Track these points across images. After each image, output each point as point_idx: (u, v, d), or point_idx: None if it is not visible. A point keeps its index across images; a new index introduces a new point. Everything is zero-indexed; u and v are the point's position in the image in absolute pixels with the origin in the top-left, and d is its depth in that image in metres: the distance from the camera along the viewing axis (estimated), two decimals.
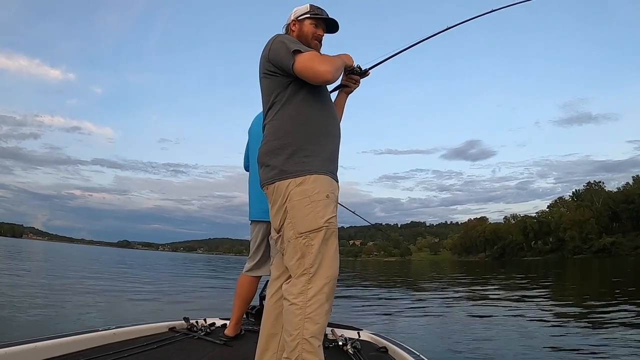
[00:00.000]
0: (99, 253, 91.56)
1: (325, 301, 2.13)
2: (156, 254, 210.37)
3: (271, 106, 2.42)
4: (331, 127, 2.46)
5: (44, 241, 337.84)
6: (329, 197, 2.25)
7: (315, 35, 2.62)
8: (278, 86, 2.38)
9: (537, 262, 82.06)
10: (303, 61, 2.22)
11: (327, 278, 2.16)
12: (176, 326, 3.66)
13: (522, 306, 13.45)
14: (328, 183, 2.29)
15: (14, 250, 52.25)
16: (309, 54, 2.23)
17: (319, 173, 2.25)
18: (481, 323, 10.36)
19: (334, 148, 2.46)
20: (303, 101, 2.35)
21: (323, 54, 2.48)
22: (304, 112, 2.35)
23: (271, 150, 2.33)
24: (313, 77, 2.23)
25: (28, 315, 8.97)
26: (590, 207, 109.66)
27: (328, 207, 2.23)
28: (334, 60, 2.35)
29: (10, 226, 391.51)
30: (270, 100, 2.45)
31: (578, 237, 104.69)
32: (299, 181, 2.22)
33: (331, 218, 2.23)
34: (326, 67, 2.20)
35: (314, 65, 2.20)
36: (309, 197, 2.21)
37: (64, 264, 33.90)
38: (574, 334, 8.65)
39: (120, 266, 38.80)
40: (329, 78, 2.23)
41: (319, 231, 2.18)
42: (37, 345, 2.53)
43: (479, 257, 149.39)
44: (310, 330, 2.06)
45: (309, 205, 2.20)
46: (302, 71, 2.23)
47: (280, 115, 2.36)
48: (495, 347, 7.75)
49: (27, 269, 24.21)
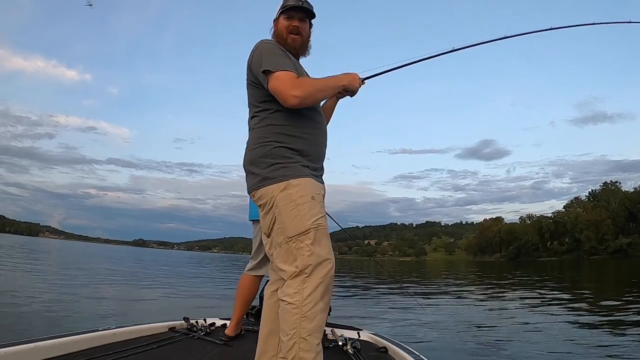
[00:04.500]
0: (113, 252, 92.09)
1: (321, 299, 2.13)
2: (171, 252, 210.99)
3: (254, 116, 2.45)
4: (315, 132, 2.44)
5: (61, 240, 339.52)
6: (315, 198, 2.26)
7: (290, 29, 2.56)
8: (260, 96, 2.40)
9: (553, 263, 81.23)
10: (274, 83, 2.25)
11: (322, 277, 2.16)
12: (176, 326, 3.67)
13: (534, 307, 13.32)
14: (312, 185, 2.30)
15: (32, 249, 52.66)
16: (283, 75, 2.24)
17: (301, 177, 2.27)
18: (488, 324, 10.26)
19: (319, 152, 2.47)
20: (286, 111, 2.32)
21: (305, 77, 2.46)
22: (286, 121, 2.34)
23: (254, 159, 2.35)
24: (281, 101, 2.25)
25: (38, 313, 9.09)
26: (607, 207, 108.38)
27: (314, 208, 2.24)
28: (312, 85, 2.36)
29: (27, 225, 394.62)
30: (252, 110, 2.47)
31: (594, 238, 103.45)
32: (282, 186, 2.24)
33: (319, 219, 2.23)
34: (296, 92, 2.20)
35: (283, 89, 2.22)
36: (293, 201, 2.22)
37: (80, 261, 34.20)
38: (589, 337, 8.52)
39: (126, 265, 38.92)
40: (293, 104, 2.22)
41: (307, 233, 2.18)
42: (37, 345, 2.54)
43: (495, 257, 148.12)
44: (307, 328, 2.07)
45: (295, 209, 2.21)
46: (273, 93, 2.27)
47: (262, 124, 2.38)
48: (498, 348, 7.70)
49: (43, 266, 24.46)
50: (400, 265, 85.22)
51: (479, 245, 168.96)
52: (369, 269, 63.43)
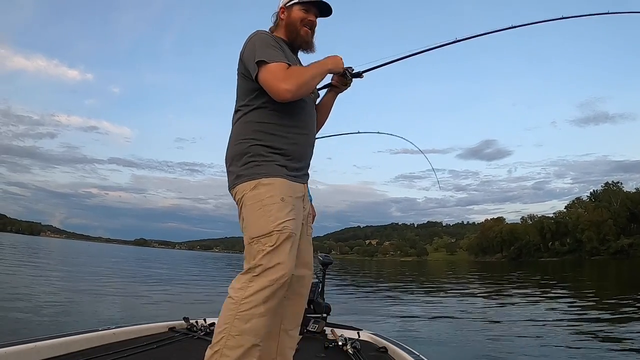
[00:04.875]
0: (115, 251, 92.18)
1: (262, 303, 2.05)
2: (172, 252, 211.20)
3: (237, 110, 2.41)
4: (299, 131, 2.38)
5: (62, 239, 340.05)
6: (285, 200, 2.20)
7: (305, 21, 2.50)
8: (247, 90, 2.36)
9: (554, 263, 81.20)
10: (265, 75, 2.19)
11: (271, 281, 2.07)
12: (176, 326, 3.67)
13: (535, 308, 13.36)
14: (284, 186, 2.23)
15: (33, 248, 52.73)
16: (274, 67, 2.19)
17: (273, 176, 2.22)
18: (489, 324, 10.31)
19: (302, 152, 2.40)
20: (270, 108, 2.30)
21: (294, 66, 2.33)
22: (267, 118, 2.30)
23: (232, 156, 2.33)
24: (272, 95, 2.21)
25: (38, 313, 9.11)
26: (608, 207, 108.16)
27: (282, 210, 2.17)
28: (302, 74, 2.27)
29: (29, 224, 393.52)
30: (237, 104, 2.43)
31: (595, 238, 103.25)
32: (252, 185, 2.20)
33: (285, 222, 2.15)
34: (287, 85, 2.15)
35: (274, 82, 2.17)
36: (261, 201, 2.17)
37: (81, 260, 34.26)
38: (590, 338, 8.52)
39: (127, 264, 39.00)
40: (287, 97, 2.18)
41: (269, 236, 2.12)
42: (37, 345, 2.54)
43: (496, 257, 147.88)
44: (238, 327, 2.01)
45: (261, 209, 2.17)
46: (263, 86, 2.22)
47: (243, 120, 2.35)
48: (498, 348, 7.71)
49: (44, 265, 24.51)
50: (402, 266, 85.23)
51: (480, 245, 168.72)
52: (370, 268, 63.58)
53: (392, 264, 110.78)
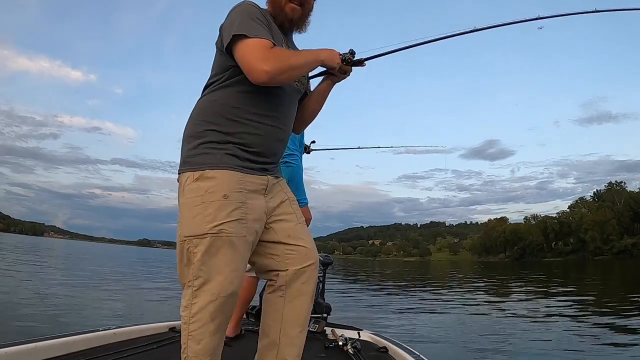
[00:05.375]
0: (118, 251, 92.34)
1: (210, 321, 1.83)
2: (175, 252, 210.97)
3: (207, 86, 2.10)
4: (267, 122, 2.03)
5: (65, 239, 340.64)
6: (228, 197, 1.87)
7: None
8: (222, 66, 2.03)
9: (558, 263, 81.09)
10: (242, 51, 1.86)
11: (214, 295, 1.82)
12: (176, 326, 3.59)
13: (537, 308, 13.30)
14: (231, 180, 1.91)
15: (36, 249, 52.81)
16: (254, 43, 1.85)
17: (221, 168, 1.90)
18: (490, 324, 10.26)
19: (267, 146, 2.04)
20: (240, 89, 1.98)
21: (279, 48, 1.97)
22: (235, 101, 1.98)
23: (185, 136, 2.03)
24: (247, 74, 1.87)
25: (38, 312, 9.14)
26: (612, 207, 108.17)
27: (222, 209, 1.85)
28: (287, 58, 1.91)
29: (32, 225, 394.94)
30: (208, 80, 2.11)
31: (599, 238, 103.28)
32: (196, 175, 1.90)
33: (224, 224, 1.83)
34: (266, 65, 1.80)
35: (251, 60, 1.83)
36: (200, 196, 1.87)
37: (83, 261, 34.31)
38: (592, 338, 8.45)
39: (128, 264, 39.04)
40: (262, 80, 1.83)
41: (203, 238, 1.84)
42: (37, 345, 2.53)
43: (499, 257, 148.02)
44: (193, 349, 1.84)
45: (198, 206, 1.87)
46: (239, 63, 1.89)
47: (208, 98, 2.04)
48: (499, 348, 7.70)
49: (46, 266, 24.56)
50: (404, 266, 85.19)
51: (483, 245, 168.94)
52: (373, 268, 63.53)
53: (395, 264, 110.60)
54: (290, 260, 2.08)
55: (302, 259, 2.10)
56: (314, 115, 2.44)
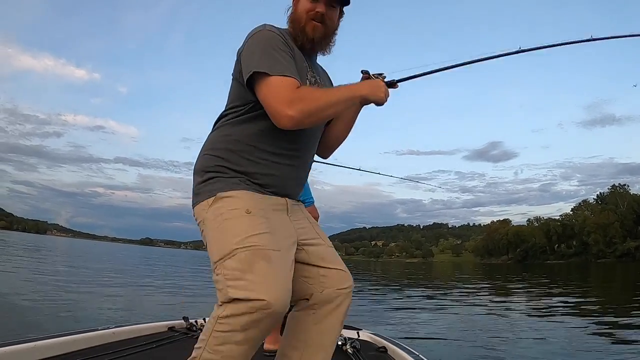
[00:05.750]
0: (120, 250, 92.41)
1: (240, 330, 1.55)
2: (178, 251, 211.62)
3: (222, 117, 1.94)
4: (286, 161, 1.88)
5: (68, 238, 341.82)
6: (251, 212, 1.69)
7: (311, 14, 1.90)
8: (240, 97, 1.86)
9: (560, 266, 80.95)
10: (265, 92, 1.70)
11: (251, 308, 1.52)
12: (175, 326, 3.65)
13: (539, 310, 13.25)
14: (250, 197, 1.76)
15: (39, 247, 52.80)
16: (278, 84, 1.67)
17: (235, 189, 1.75)
18: (491, 325, 10.21)
19: (279, 185, 1.88)
20: (258, 125, 1.82)
21: (307, 88, 1.79)
22: (251, 139, 1.82)
23: (196, 169, 1.89)
24: (271, 117, 1.71)
25: (39, 312, 9.15)
26: (615, 210, 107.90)
27: (248, 223, 1.66)
28: (317, 100, 1.70)
29: (35, 223, 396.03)
30: (225, 110, 1.94)
31: (602, 241, 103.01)
32: (210, 201, 1.76)
33: (253, 237, 1.62)
34: (292, 110, 1.64)
35: (275, 104, 1.66)
36: (221, 214, 1.71)
37: (85, 259, 34.36)
38: (593, 342, 8.40)
39: (130, 264, 39.08)
40: (287, 126, 1.68)
41: (231, 256, 1.61)
42: (36, 344, 2.54)
43: (502, 259, 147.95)
44: (212, 346, 1.59)
45: (222, 224, 1.69)
46: (263, 104, 1.73)
47: (221, 132, 1.89)
48: (500, 350, 7.67)
49: (48, 264, 24.58)
50: (407, 267, 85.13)
51: (486, 247, 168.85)
52: (375, 269, 63.57)
53: (397, 265, 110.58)
54: (326, 282, 1.93)
55: (339, 281, 1.96)
56: (339, 141, 2.27)
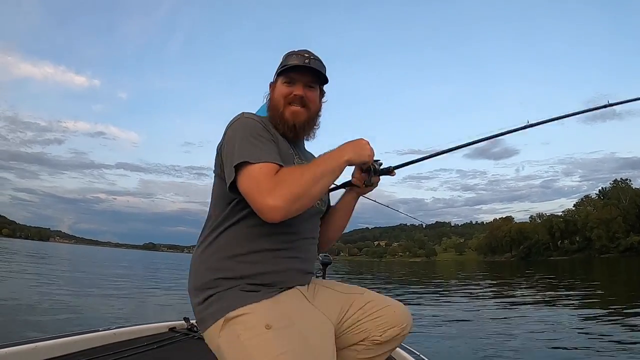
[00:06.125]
0: (123, 255, 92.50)
1: None
2: (181, 256, 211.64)
3: (207, 220, 1.76)
4: (291, 255, 1.69)
5: (71, 244, 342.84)
6: (271, 325, 1.46)
7: (289, 98, 1.77)
8: (222, 197, 1.68)
9: (564, 262, 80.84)
10: (246, 183, 1.50)
11: None
12: (176, 326, 3.63)
13: (543, 308, 13.25)
14: (265, 307, 1.53)
15: (41, 254, 52.82)
16: (258, 172, 1.49)
17: (244, 304, 1.52)
18: (494, 325, 10.21)
19: (288, 280, 1.66)
20: (251, 224, 1.61)
21: (287, 168, 1.55)
22: (246, 240, 1.62)
23: (190, 290, 1.68)
24: (256, 211, 1.50)
25: (40, 314, 9.19)
26: (617, 205, 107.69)
27: (272, 343, 1.42)
28: (298, 180, 1.49)
29: (38, 230, 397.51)
30: (209, 213, 1.78)
31: (605, 236, 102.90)
32: (220, 325, 1.52)
33: (281, 356, 1.38)
34: (274, 199, 1.43)
35: (257, 195, 1.46)
36: (238, 338, 1.46)
37: (88, 265, 34.42)
38: (599, 338, 8.38)
39: (131, 268, 39.13)
40: (275, 218, 1.46)
41: None
42: (37, 345, 2.54)
43: (505, 257, 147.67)
44: None
45: (243, 352, 1.44)
46: (246, 198, 1.53)
47: (211, 244, 1.67)
48: (503, 349, 7.66)
49: (50, 269, 24.63)
50: (410, 266, 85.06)
51: (489, 245, 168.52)
52: (379, 268, 63.52)
53: (400, 264, 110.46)
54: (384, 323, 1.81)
55: (396, 321, 1.84)
56: (339, 232, 2.08)
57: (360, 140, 1.72)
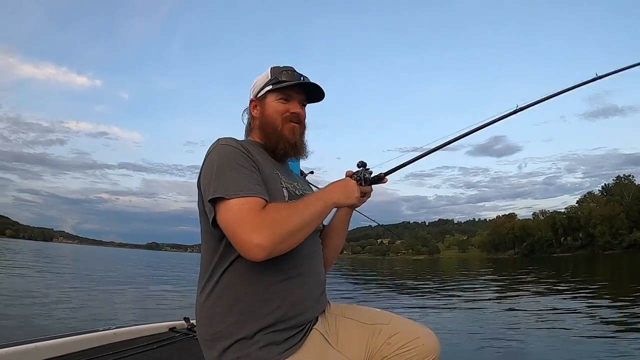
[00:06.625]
0: (126, 255, 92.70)
1: None
2: (184, 255, 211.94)
3: (203, 262, 1.62)
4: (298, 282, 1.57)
5: (74, 244, 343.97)
6: None
7: (287, 116, 1.71)
8: (213, 235, 1.53)
9: (567, 259, 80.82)
10: (224, 219, 1.39)
11: None
12: (176, 326, 3.64)
13: (546, 306, 13.23)
14: None
15: (45, 254, 53.02)
16: (238, 207, 1.37)
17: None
18: (497, 324, 10.20)
19: (301, 307, 1.56)
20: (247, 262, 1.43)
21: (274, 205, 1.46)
22: (250, 278, 1.50)
23: (201, 341, 1.59)
24: (237, 248, 1.38)
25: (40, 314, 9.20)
26: (620, 201, 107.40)
27: None
28: (286, 219, 1.39)
29: (41, 230, 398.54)
30: (203, 253, 1.63)
31: (608, 233, 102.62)
32: None
33: None
34: (259, 238, 1.32)
35: (239, 232, 1.35)
36: None
37: (91, 264, 34.48)
38: (604, 336, 8.39)
39: (134, 267, 39.19)
40: (259, 257, 1.34)
41: None
42: (37, 345, 2.55)
43: (508, 254, 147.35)
44: None
45: None
46: (225, 232, 1.42)
47: (213, 289, 1.53)
48: (505, 348, 7.64)
49: (53, 269, 24.68)
50: (413, 264, 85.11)
51: (492, 242, 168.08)
52: (383, 267, 63.54)
53: (403, 262, 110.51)
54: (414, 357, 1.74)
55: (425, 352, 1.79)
56: (337, 251, 2.00)
57: (347, 181, 1.68)
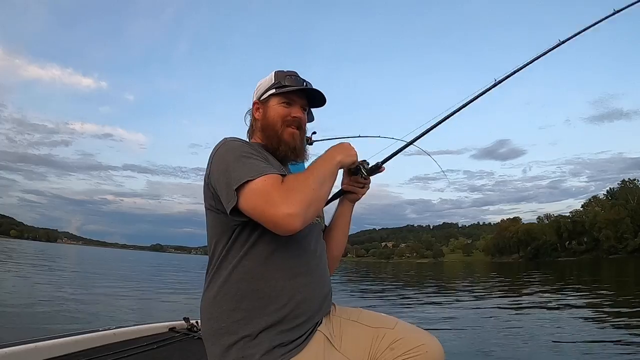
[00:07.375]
0: (130, 256, 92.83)
1: None
2: (188, 257, 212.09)
3: (211, 258, 1.64)
4: (303, 278, 1.58)
5: (79, 245, 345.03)
6: None
7: (288, 120, 1.73)
8: (222, 228, 1.57)
9: (572, 263, 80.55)
10: (251, 200, 1.40)
11: None
12: (176, 326, 3.65)
13: (550, 309, 13.21)
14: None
15: (49, 255, 53.11)
16: (263, 185, 1.40)
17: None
18: (497, 326, 10.19)
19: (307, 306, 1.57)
20: (259, 254, 1.53)
21: (288, 175, 1.51)
22: (257, 272, 1.52)
23: (205, 337, 1.60)
24: (271, 228, 1.41)
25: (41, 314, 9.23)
26: (625, 205, 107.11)
27: None
28: (306, 183, 1.44)
29: (45, 231, 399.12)
30: (211, 249, 1.64)
31: (613, 237, 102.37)
32: None
33: None
34: (290, 207, 1.35)
35: (268, 208, 1.37)
36: None
37: (94, 265, 34.57)
38: (607, 340, 8.37)
39: (135, 269, 39.26)
40: (295, 226, 1.36)
41: None
42: (37, 345, 2.56)
43: (513, 258, 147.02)
44: None
45: None
46: (253, 217, 1.43)
47: (218, 281, 1.57)
48: (506, 350, 7.62)
49: (57, 270, 24.74)
50: (417, 267, 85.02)
51: (496, 246, 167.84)
52: (386, 270, 63.50)
53: (407, 266, 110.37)
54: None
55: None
56: (342, 248, 2.00)
57: (343, 143, 1.70)
